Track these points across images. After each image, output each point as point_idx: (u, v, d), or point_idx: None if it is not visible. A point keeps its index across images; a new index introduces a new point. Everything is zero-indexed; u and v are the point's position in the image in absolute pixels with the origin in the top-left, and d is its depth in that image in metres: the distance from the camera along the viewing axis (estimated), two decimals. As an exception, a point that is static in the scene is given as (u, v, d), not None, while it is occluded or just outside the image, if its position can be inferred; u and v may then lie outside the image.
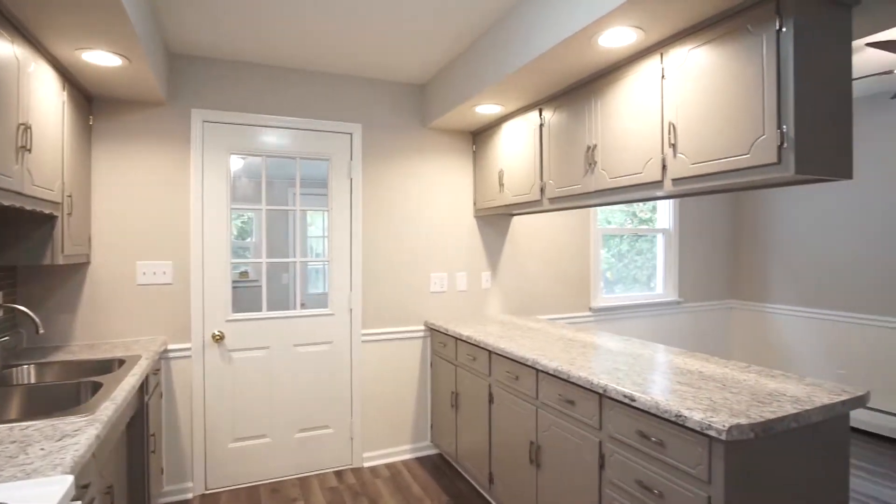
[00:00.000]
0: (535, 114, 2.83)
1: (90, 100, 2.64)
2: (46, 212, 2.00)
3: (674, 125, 1.97)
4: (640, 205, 4.43)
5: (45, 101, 1.98)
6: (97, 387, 1.85)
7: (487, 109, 2.99)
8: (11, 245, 2.12)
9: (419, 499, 2.82)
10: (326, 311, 3.17)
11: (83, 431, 1.35)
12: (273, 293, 4.53)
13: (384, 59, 2.96)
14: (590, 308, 3.95)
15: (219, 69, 2.91)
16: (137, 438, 2.18)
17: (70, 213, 2.26)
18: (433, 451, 3.45)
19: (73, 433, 1.33)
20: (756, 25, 1.67)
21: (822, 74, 1.64)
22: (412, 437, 3.39)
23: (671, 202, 4.41)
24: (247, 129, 2.98)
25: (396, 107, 3.34)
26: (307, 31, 2.58)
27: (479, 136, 3.45)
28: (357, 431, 3.22)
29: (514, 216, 3.69)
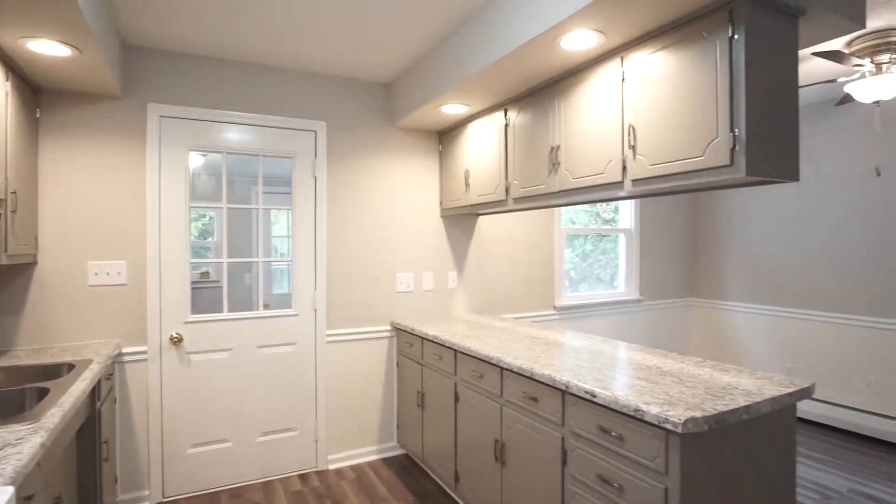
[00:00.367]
0: (501, 114, 2.86)
1: (37, 92, 2.51)
2: (-12, 209, 1.90)
3: (633, 127, 2.02)
4: (604, 205, 4.53)
5: (-14, 92, 1.87)
6: (43, 393, 1.76)
7: (453, 109, 2.99)
8: (-51, 244, 2.00)
9: (385, 499, 2.80)
10: (290, 312, 3.12)
11: (27, 440, 1.28)
12: (235, 294, 4.42)
13: (349, 57, 2.93)
14: (554, 306, 4.01)
15: (178, 63, 2.82)
16: (89, 446, 2.08)
17: (14, 211, 2.15)
18: (399, 452, 3.43)
19: (16, 442, 1.27)
20: (710, 32, 1.73)
21: (771, 81, 1.71)
22: (378, 438, 3.37)
23: (633, 203, 4.53)
24: (207, 126, 2.89)
25: (362, 105, 3.31)
26: (269, 27, 2.53)
27: (446, 136, 3.46)
28: (322, 433, 3.18)
29: (481, 216, 3.71)
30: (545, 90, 2.53)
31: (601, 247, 4.54)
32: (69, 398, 1.63)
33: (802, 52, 2.88)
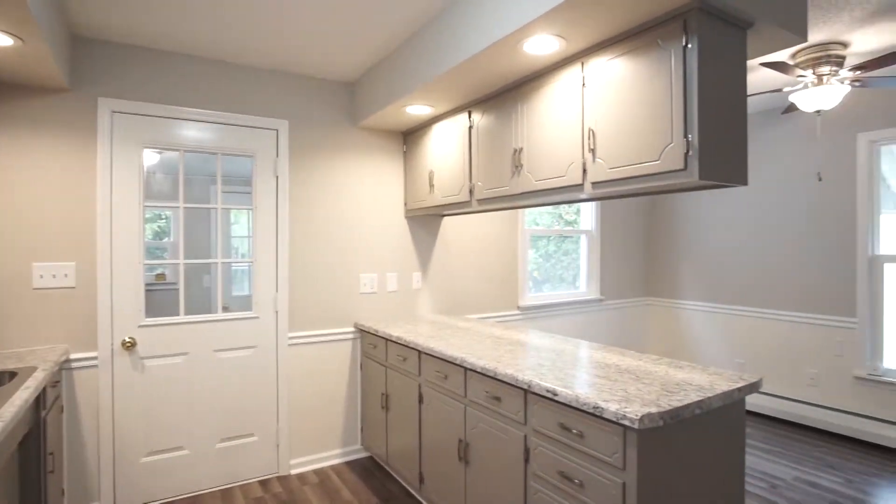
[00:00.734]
0: (465, 116, 2.87)
1: (-25, 83, 2.37)
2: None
3: (593, 131, 2.07)
4: (566, 207, 4.62)
5: (-82, 83, 1.75)
6: (-18, 403, 1.66)
7: (418, 110, 2.99)
8: None
9: (349, 503, 2.78)
10: (251, 315, 3.04)
11: (-37, 453, 1.20)
12: (192, 296, 4.28)
13: (312, 55, 2.89)
14: (518, 306, 4.06)
15: (131, 56, 2.71)
16: (33, 458, 1.97)
17: (-51, 210, 2.02)
18: (364, 455, 3.40)
19: (-49, 455, 1.19)
20: (666, 41, 1.80)
21: (722, 89, 1.79)
22: (342, 441, 3.33)
23: (593, 205, 4.64)
24: (162, 122, 2.79)
25: (325, 104, 3.27)
26: (229, 22, 2.47)
27: (410, 137, 3.45)
28: (284, 438, 3.12)
29: (445, 216, 3.72)
30: (509, 93, 2.56)
31: (563, 248, 4.62)
32: (10, 408, 1.55)
33: (751, 63, 3.02)
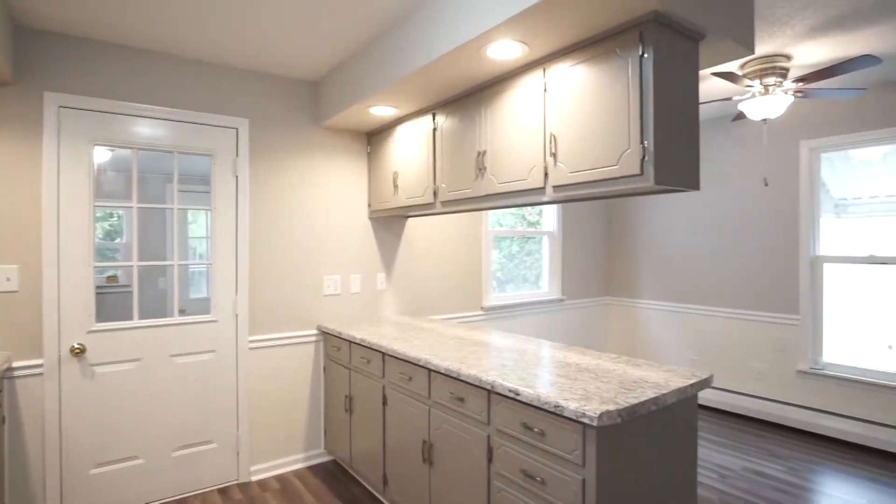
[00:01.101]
0: (429, 118, 2.88)
1: None
2: None
3: (555, 136, 2.12)
4: (529, 208, 4.70)
5: None
6: (-86, 416, 1.56)
7: (382, 111, 2.98)
8: None
9: (312, 508, 2.74)
10: (209, 318, 2.96)
11: None
12: (147, 299, 4.12)
13: (274, 53, 2.83)
14: (482, 307, 4.10)
15: (81, 49, 2.59)
16: (-29, 472, 1.86)
17: None
18: (327, 459, 3.36)
19: None
20: (623, 50, 1.86)
21: (676, 97, 1.87)
22: (305, 446, 3.28)
23: (555, 207, 4.73)
24: (114, 119, 2.68)
25: (288, 103, 3.22)
26: (186, 17, 2.39)
27: (374, 138, 3.44)
28: (244, 444, 3.04)
29: (410, 218, 3.72)
30: (472, 96, 2.58)
31: (527, 248, 4.70)
32: (-53, 420, 1.46)
33: (703, 73, 3.16)
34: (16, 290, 2.45)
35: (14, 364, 2.44)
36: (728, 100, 3.25)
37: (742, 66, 3.05)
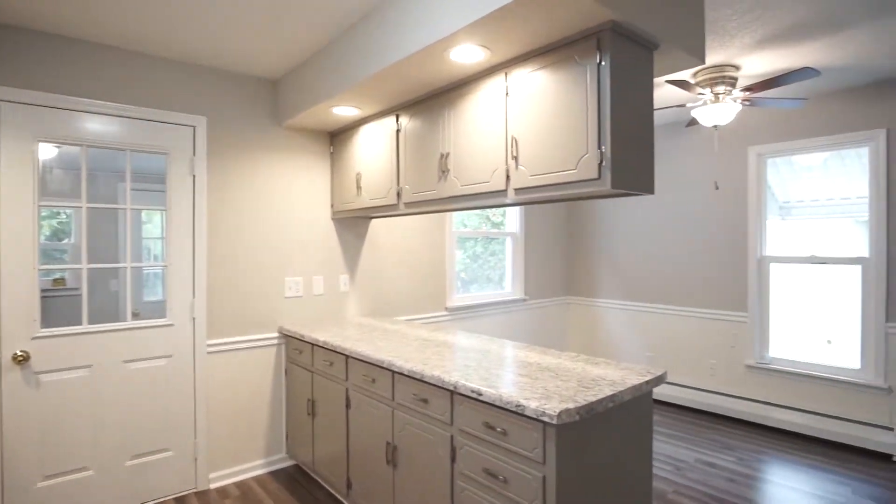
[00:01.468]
0: (393, 119, 2.88)
1: None
2: None
3: (516, 139, 2.16)
4: (493, 209, 4.75)
5: None
6: None
7: (345, 111, 2.96)
8: None
9: (273, 514, 2.70)
10: (165, 322, 2.87)
11: None
12: (98, 302, 3.95)
13: (233, 49, 2.77)
14: (446, 307, 4.12)
15: (22, 40, 2.46)
16: None
17: None
18: (289, 463, 3.31)
19: None
20: (582, 57, 1.91)
21: (632, 104, 1.93)
22: (266, 451, 3.22)
23: (518, 208, 4.80)
24: (61, 114, 2.56)
25: (248, 101, 3.15)
26: (140, 8, 2.31)
27: (337, 138, 3.41)
28: (202, 451, 2.96)
29: (373, 219, 3.70)
30: (436, 98, 2.60)
31: (491, 248, 4.75)
32: None
33: (657, 80, 3.27)
34: (-48, 295, 2.31)
35: (-50, 373, 2.30)
36: (682, 106, 3.38)
37: (694, 75, 3.18)
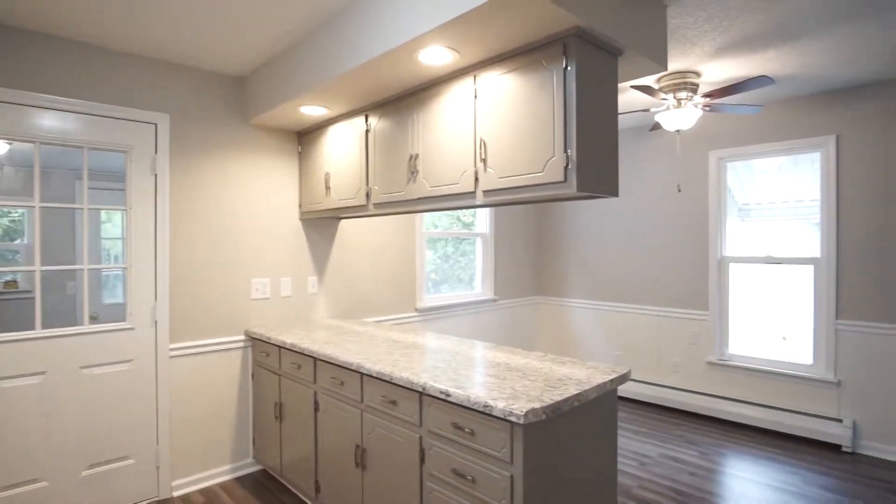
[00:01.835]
0: (362, 119, 2.86)
1: None
2: None
3: (485, 142, 2.17)
4: (463, 210, 4.77)
5: None
6: None
7: (313, 111, 2.93)
8: None
9: (239, 521, 2.64)
10: (125, 326, 2.78)
11: None
12: (53, 306, 3.79)
13: (198, 45, 2.70)
14: (416, 308, 4.12)
15: (-32, 32, 2.34)
16: None
17: None
18: (256, 468, 3.25)
19: None
20: (549, 62, 1.94)
21: (597, 109, 1.97)
22: (232, 456, 3.15)
23: (488, 209, 4.84)
24: (11, 109, 2.45)
25: (213, 99, 3.07)
26: (100, 1, 2.23)
27: (306, 137, 3.36)
28: (164, 458, 2.88)
29: (342, 219, 3.67)
30: (405, 99, 2.59)
31: (461, 249, 4.77)
32: None
33: (622, 85, 3.35)
34: None
35: None
36: (646, 111, 3.47)
37: (658, 81, 3.27)
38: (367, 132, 2.84)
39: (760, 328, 4.15)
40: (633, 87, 3.01)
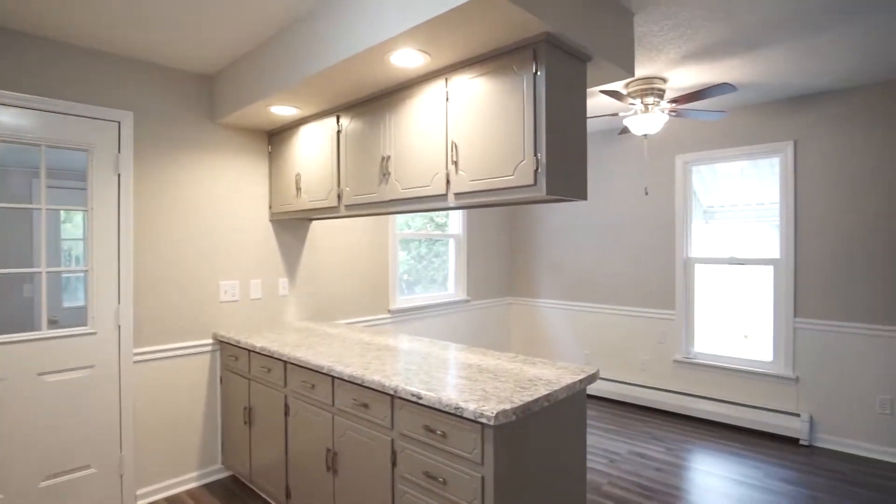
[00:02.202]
0: (333, 120, 2.84)
1: None
2: None
3: (456, 144, 2.19)
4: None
5: None
6: None
7: (283, 111, 2.89)
8: None
9: (207, 529, 2.59)
10: (86, 330, 2.69)
11: None
12: (8, 310, 3.64)
13: (164, 42, 2.63)
14: (389, 310, 4.11)
15: (-85, 23, 2.23)
16: None
17: None
18: (225, 474, 3.19)
19: None
20: (519, 67, 1.96)
21: (566, 113, 2.01)
22: (200, 463, 3.08)
23: (460, 210, 4.86)
24: (-37, 106, 2.34)
25: (180, 97, 3.00)
26: (55, -3, 2.16)
27: (276, 137, 3.31)
28: (128, 466, 2.80)
29: (314, 220, 3.63)
30: (377, 101, 2.59)
31: (435, 249, 4.77)
32: None
33: (592, 89, 3.41)
34: None
35: None
36: (615, 115, 3.54)
37: (626, 86, 3.34)
38: (339, 133, 2.81)
39: (724, 327, 4.29)
40: (602, 92, 3.07)
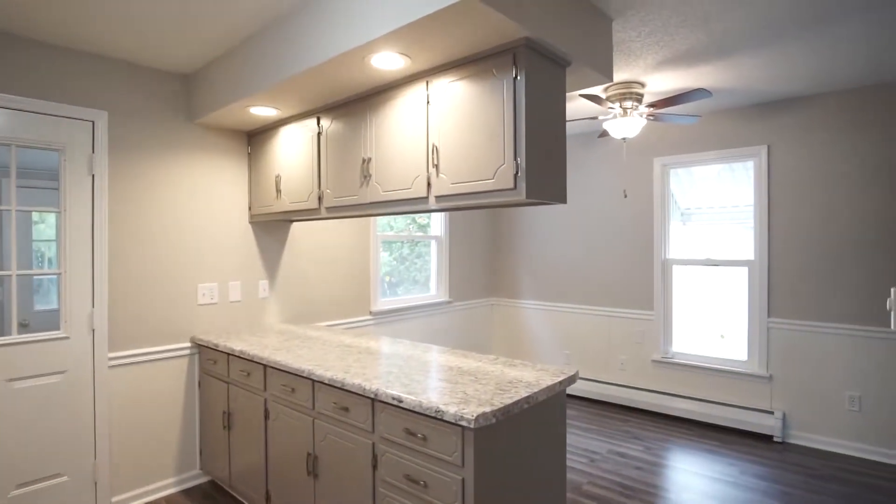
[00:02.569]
0: (314, 121, 2.82)
1: None
2: None
3: (437, 147, 2.19)
4: (417, 213, 4.77)
5: None
6: None
7: (263, 112, 2.86)
8: None
9: (184, 536, 2.55)
10: (59, 334, 2.62)
11: None
12: (-24, 314, 3.53)
13: (140, 41, 2.58)
14: (371, 312, 4.10)
15: None
16: None
17: None
18: (203, 480, 3.14)
19: None
20: (499, 71, 1.98)
21: (546, 118, 2.03)
22: (177, 468, 3.03)
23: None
24: (-72, 104, 2.27)
25: (156, 96, 2.95)
26: (25, -6, 2.10)
27: (256, 138, 3.28)
28: (103, 474, 2.74)
29: (294, 222, 3.60)
30: (358, 103, 2.58)
31: (417, 251, 4.77)
32: None
33: (572, 94, 3.45)
34: None
35: None
36: (594, 119, 3.59)
37: (605, 90, 3.39)
38: (320, 134, 2.80)
39: (701, 327, 4.37)
40: (582, 96, 3.10)
